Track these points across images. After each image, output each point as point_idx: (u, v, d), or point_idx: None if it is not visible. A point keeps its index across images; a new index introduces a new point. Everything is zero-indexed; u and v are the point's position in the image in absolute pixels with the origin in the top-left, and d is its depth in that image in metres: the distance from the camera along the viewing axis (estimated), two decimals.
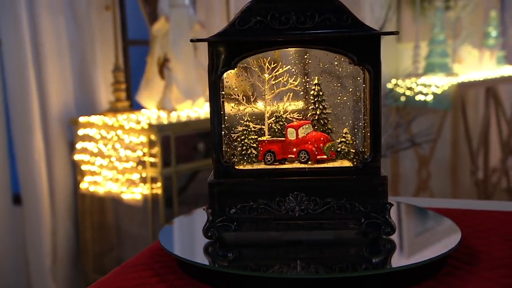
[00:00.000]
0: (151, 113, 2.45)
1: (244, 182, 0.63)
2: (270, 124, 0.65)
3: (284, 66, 0.65)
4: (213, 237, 0.62)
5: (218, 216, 0.63)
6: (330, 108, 0.65)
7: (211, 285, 0.58)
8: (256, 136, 0.66)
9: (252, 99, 0.66)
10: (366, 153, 0.63)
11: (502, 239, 0.66)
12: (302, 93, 0.66)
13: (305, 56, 0.65)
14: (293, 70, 0.66)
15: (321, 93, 0.65)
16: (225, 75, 0.64)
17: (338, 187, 0.62)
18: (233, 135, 0.65)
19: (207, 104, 2.66)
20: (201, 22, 2.63)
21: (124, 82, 2.49)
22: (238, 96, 0.65)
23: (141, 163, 2.22)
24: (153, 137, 2.18)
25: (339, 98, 0.65)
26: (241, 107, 0.66)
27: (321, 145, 0.64)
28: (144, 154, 2.21)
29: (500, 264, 0.59)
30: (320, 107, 0.65)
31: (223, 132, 0.65)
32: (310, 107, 0.65)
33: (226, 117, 0.66)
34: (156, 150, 2.18)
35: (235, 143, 0.66)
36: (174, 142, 2.21)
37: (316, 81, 0.65)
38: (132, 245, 2.45)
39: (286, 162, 0.65)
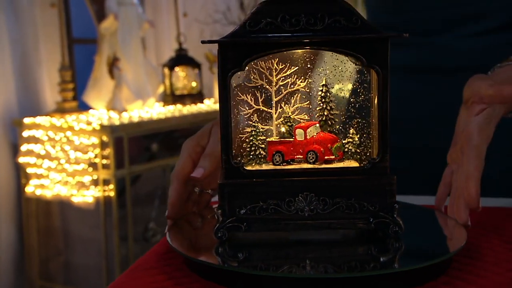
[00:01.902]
0: (100, 113, 2.39)
1: (254, 183, 0.62)
2: (278, 125, 0.66)
3: (292, 67, 0.65)
4: (224, 238, 0.62)
5: (228, 216, 0.62)
6: (337, 109, 0.65)
7: (227, 286, 0.58)
8: (264, 137, 0.66)
9: (260, 100, 0.66)
10: (373, 153, 0.64)
11: (497, 234, 0.69)
12: (310, 94, 0.66)
13: (312, 58, 0.65)
14: (301, 71, 0.66)
15: (328, 94, 0.66)
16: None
17: (347, 187, 0.62)
18: (241, 136, 0.65)
19: (157, 105, 2.63)
20: (150, 21, 2.59)
21: (71, 82, 2.42)
22: (247, 97, 0.65)
23: (92, 165, 2.17)
24: (105, 138, 2.13)
25: (346, 98, 0.65)
26: (250, 109, 0.66)
27: (329, 145, 0.64)
28: (95, 156, 2.15)
29: (503, 259, 0.62)
30: (328, 108, 0.65)
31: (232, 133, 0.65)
32: (317, 108, 0.66)
33: (236, 118, 0.66)
34: (108, 151, 2.13)
35: (244, 144, 0.65)
36: (127, 143, 2.16)
37: (323, 82, 0.65)
38: (82, 249, 2.39)
39: (294, 163, 0.65)
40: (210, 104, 2.69)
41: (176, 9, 2.83)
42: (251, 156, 0.65)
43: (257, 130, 0.65)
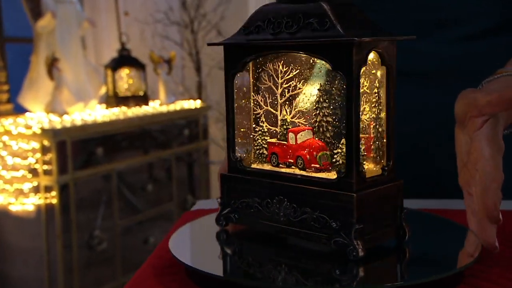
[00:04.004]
0: (38, 116, 2.26)
1: (243, 179, 0.64)
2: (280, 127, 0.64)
3: (294, 70, 0.62)
4: (222, 226, 0.66)
5: (225, 207, 0.66)
6: (331, 116, 0.61)
7: None
8: (269, 137, 0.64)
9: (268, 102, 0.64)
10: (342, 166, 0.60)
11: (504, 239, 0.68)
12: (309, 98, 0.63)
13: (313, 61, 0.62)
14: (302, 74, 0.63)
15: (321, 99, 0.61)
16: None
17: (313, 198, 0.59)
18: (254, 134, 0.66)
19: (99, 107, 2.52)
20: (90, 19, 2.48)
21: (6, 83, 2.28)
22: (258, 97, 0.65)
23: (32, 171, 2.04)
24: (46, 142, 2.01)
25: (340, 106, 0.61)
26: (259, 109, 0.66)
27: (314, 153, 0.61)
28: (36, 161, 2.03)
29: None
30: (321, 114, 0.61)
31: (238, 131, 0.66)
32: (312, 113, 0.62)
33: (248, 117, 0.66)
34: (50, 156, 2.02)
35: (253, 142, 0.66)
36: (70, 147, 2.05)
37: (318, 87, 0.62)
38: (21, 260, 2.25)
39: (292, 166, 0.63)
40: (156, 106, 2.61)
41: (116, 7, 2.73)
42: (256, 155, 0.65)
43: (263, 130, 0.65)
